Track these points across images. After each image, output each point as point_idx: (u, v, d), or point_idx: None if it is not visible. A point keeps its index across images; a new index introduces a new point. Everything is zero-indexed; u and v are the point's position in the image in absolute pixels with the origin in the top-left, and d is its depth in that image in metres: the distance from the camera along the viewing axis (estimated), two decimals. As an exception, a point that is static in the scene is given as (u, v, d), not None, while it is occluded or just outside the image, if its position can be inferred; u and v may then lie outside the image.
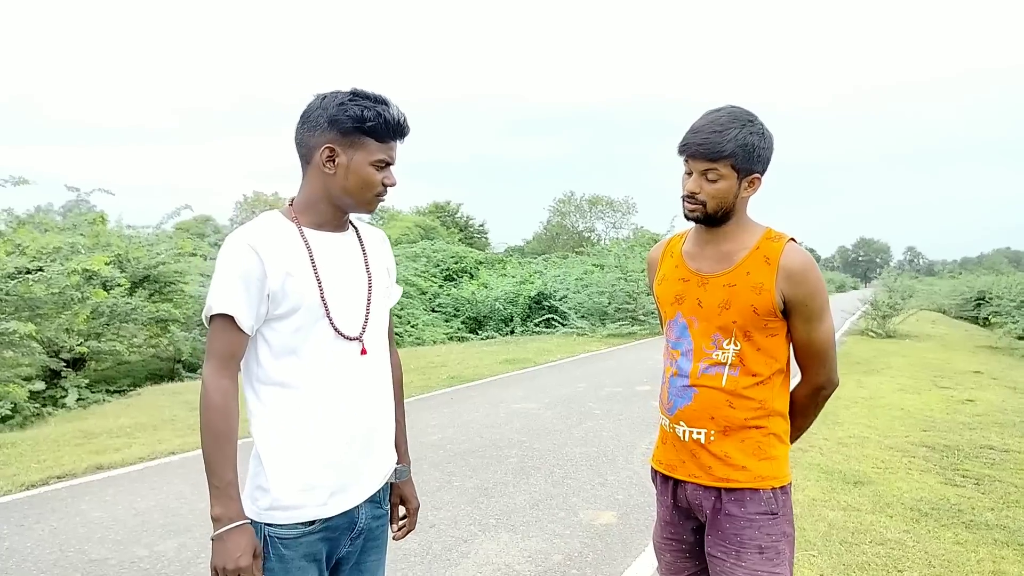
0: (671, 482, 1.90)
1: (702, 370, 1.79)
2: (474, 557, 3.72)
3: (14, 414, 8.34)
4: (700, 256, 1.85)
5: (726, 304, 1.76)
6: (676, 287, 1.88)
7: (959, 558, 3.72)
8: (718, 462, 1.77)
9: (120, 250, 11.60)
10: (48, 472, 5.25)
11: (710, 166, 1.70)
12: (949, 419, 7.40)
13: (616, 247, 25.62)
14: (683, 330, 1.84)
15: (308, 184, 1.59)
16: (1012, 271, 33.44)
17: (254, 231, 1.53)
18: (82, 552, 3.78)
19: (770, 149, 1.76)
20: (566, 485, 4.97)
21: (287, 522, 1.53)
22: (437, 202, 42.98)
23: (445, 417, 7.30)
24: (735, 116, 1.72)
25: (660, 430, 1.96)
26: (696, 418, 1.80)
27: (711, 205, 1.74)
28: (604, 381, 9.77)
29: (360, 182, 1.56)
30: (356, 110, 1.51)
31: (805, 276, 1.72)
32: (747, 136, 1.69)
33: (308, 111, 1.56)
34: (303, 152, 1.58)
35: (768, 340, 1.77)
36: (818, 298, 1.75)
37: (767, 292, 1.72)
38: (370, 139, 1.54)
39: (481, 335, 19.05)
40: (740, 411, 1.76)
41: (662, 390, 1.91)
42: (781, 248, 1.74)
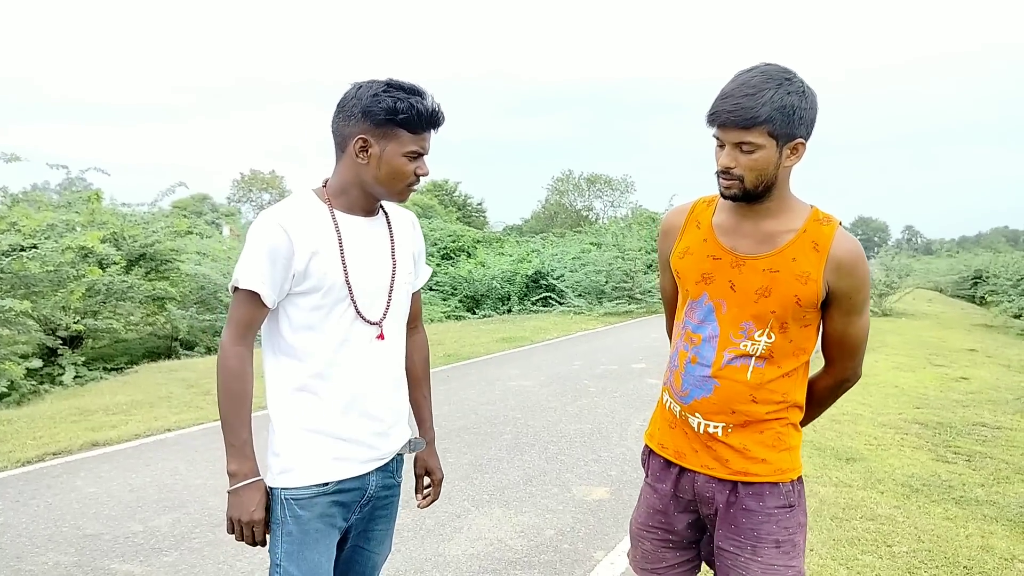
0: (675, 469, 1.76)
1: (727, 360, 1.63)
2: (467, 532, 3.75)
3: (11, 391, 8.36)
4: (736, 233, 1.65)
5: (765, 291, 1.59)
6: (704, 264, 1.68)
7: (948, 533, 3.75)
8: (736, 455, 1.66)
9: (115, 228, 11.55)
10: (44, 449, 5.26)
11: (744, 136, 1.49)
12: (943, 396, 7.44)
13: (614, 226, 25.61)
14: (708, 313, 1.67)
15: (341, 170, 1.63)
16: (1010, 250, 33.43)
17: (286, 211, 1.59)
18: (77, 527, 3.80)
19: (813, 109, 1.54)
20: (560, 461, 4.99)
21: (300, 484, 1.59)
22: (435, 181, 42.84)
23: (441, 394, 7.32)
24: (768, 75, 1.50)
25: (664, 412, 1.82)
26: (715, 412, 1.66)
27: (749, 180, 1.53)
28: (600, 359, 9.79)
29: (392, 172, 1.59)
30: (389, 102, 1.53)
31: (855, 268, 1.57)
32: (784, 97, 1.48)
33: (344, 100, 1.60)
34: (338, 140, 1.62)
35: (802, 331, 1.63)
36: (863, 291, 1.61)
37: (813, 283, 1.56)
38: (403, 130, 1.56)
39: (478, 314, 19.07)
40: (763, 405, 1.64)
41: (674, 375, 1.74)
42: (832, 234, 1.57)
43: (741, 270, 1.62)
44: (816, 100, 1.55)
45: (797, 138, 1.53)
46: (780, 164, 1.53)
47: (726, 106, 1.51)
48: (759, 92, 1.48)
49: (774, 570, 1.63)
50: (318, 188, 1.67)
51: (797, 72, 1.54)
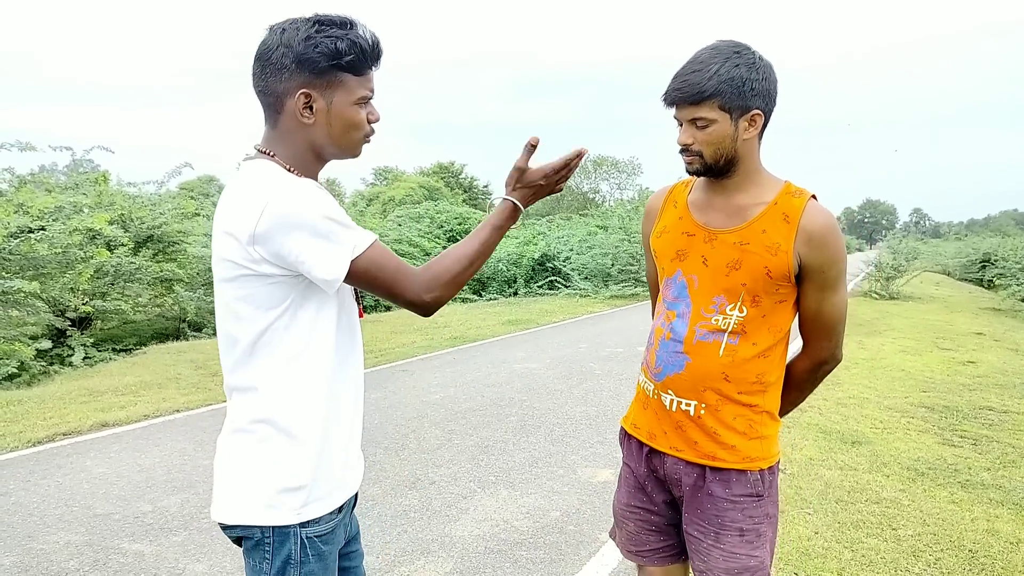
0: (646, 450, 1.76)
1: (698, 336, 1.62)
2: (473, 513, 3.78)
3: (21, 372, 8.42)
4: (708, 208, 1.66)
5: (736, 264, 1.59)
6: (679, 241, 1.69)
7: (953, 517, 3.76)
8: (706, 438, 1.64)
9: (123, 210, 11.56)
10: (54, 429, 5.32)
11: (695, 112, 1.51)
12: (949, 380, 7.42)
13: (620, 208, 25.52)
14: (682, 289, 1.67)
15: (286, 136, 1.36)
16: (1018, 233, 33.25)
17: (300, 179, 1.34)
18: (87, 507, 3.84)
19: (767, 80, 1.53)
20: (565, 443, 5.01)
21: (324, 512, 1.38)
22: (441, 163, 42.73)
23: (447, 376, 7.35)
24: (717, 51, 1.51)
25: (639, 392, 1.82)
26: (686, 389, 1.64)
27: (708, 154, 1.55)
28: (606, 341, 9.80)
29: (345, 125, 1.36)
30: (328, 43, 1.28)
31: (825, 239, 1.55)
32: (732, 70, 1.48)
33: (267, 51, 1.32)
34: (269, 100, 1.34)
35: (776, 307, 1.61)
36: (837, 265, 1.58)
37: (783, 254, 1.55)
38: (348, 75, 1.33)
39: (485, 296, 19.08)
40: (735, 384, 1.61)
41: (649, 353, 1.74)
42: (803, 205, 1.56)
43: (713, 244, 1.63)
44: (771, 72, 1.55)
45: (752, 110, 1.52)
46: (738, 136, 1.53)
47: (676, 84, 1.53)
48: (706, 67, 1.49)
49: (736, 558, 1.62)
50: (264, 160, 1.36)
51: (751, 46, 1.54)
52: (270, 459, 1.33)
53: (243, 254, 1.27)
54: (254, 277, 1.28)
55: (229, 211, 1.30)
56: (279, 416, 1.33)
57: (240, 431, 1.36)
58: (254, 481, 1.34)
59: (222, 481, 1.38)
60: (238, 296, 1.31)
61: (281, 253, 1.25)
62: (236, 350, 1.34)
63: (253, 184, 1.29)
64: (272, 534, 1.33)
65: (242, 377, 1.35)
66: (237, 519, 1.34)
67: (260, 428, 1.34)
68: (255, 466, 1.34)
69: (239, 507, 1.34)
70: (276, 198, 1.24)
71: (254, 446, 1.34)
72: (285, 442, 1.33)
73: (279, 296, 1.30)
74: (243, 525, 1.34)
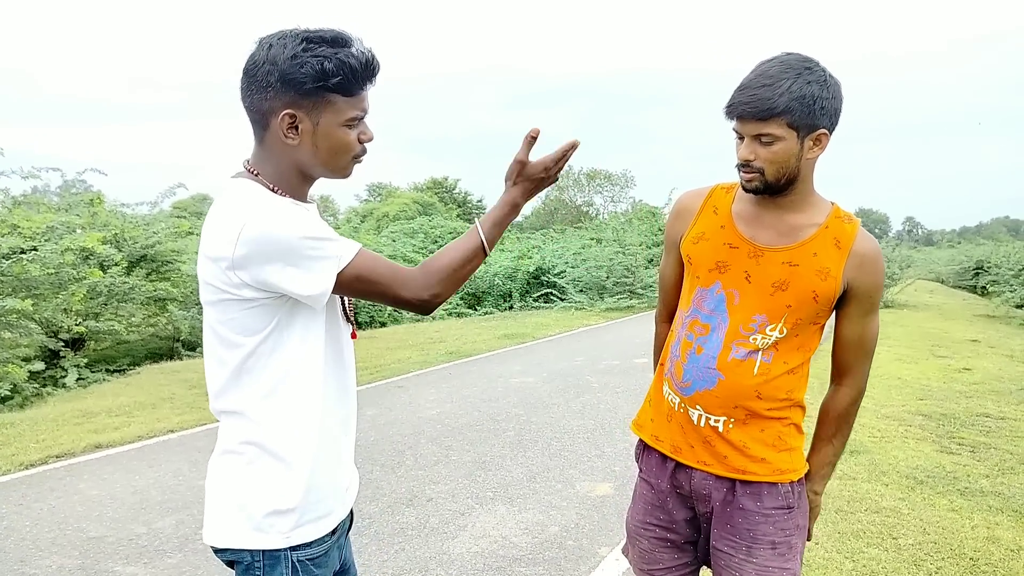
0: (671, 464, 1.72)
1: (733, 354, 1.58)
2: (471, 530, 3.74)
3: (14, 394, 8.36)
4: (756, 223, 1.60)
5: (782, 284, 1.55)
6: (720, 252, 1.63)
7: (953, 525, 3.74)
8: (735, 452, 1.62)
9: (116, 229, 11.54)
10: (47, 451, 5.26)
11: (762, 128, 1.45)
12: (946, 388, 7.42)
13: (614, 221, 25.60)
14: (719, 303, 1.62)
15: (272, 155, 1.32)
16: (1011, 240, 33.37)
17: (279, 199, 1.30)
18: (80, 530, 3.80)
19: (836, 99, 1.48)
20: (563, 457, 4.98)
21: (315, 536, 1.34)
22: (435, 178, 42.84)
23: (443, 392, 7.32)
24: (788, 65, 1.45)
25: (661, 403, 1.75)
26: (717, 405, 1.61)
27: (770, 172, 1.49)
28: (602, 354, 9.78)
29: (332, 148, 1.30)
30: (314, 64, 1.21)
31: (876, 265, 1.56)
32: (804, 87, 1.42)
33: (253, 66, 1.26)
34: (255, 117, 1.30)
35: (810, 328, 1.60)
36: (880, 290, 1.61)
37: (832, 279, 1.53)
38: (337, 96, 1.26)
39: (480, 310, 19.05)
40: (766, 401, 1.59)
41: (675, 365, 1.68)
42: (854, 232, 1.55)
43: (759, 261, 1.58)
44: (839, 89, 1.50)
45: (819, 129, 1.47)
46: (802, 156, 1.48)
47: (743, 97, 1.46)
48: (777, 82, 1.43)
49: (769, 571, 1.60)
50: (249, 176, 1.33)
51: (820, 61, 1.48)
52: (259, 481, 1.30)
53: (224, 279, 1.24)
54: (236, 301, 1.26)
55: (208, 235, 1.26)
56: (267, 439, 1.30)
57: (230, 452, 1.34)
58: (243, 504, 1.31)
59: (212, 503, 1.36)
60: (221, 320, 1.29)
61: (261, 277, 1.22)
62: (222, 373, 1.32)
63: (230, 207, 1.25)
64: (262, 558, 1.31)
65: (228, 401, 1.33)
66: (227, 542, 1.32)
67: (249, 450, 1.31)
68: (244, 488, 1.31)
69: (228, 530, 1.32)
70: (251, 222, 1.20)
71: (243, 468, 1.32)
72: (274, 465, 1.30)
73: (263, 320, 1.27)
74: (233, 549, 1.32)
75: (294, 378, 1.31)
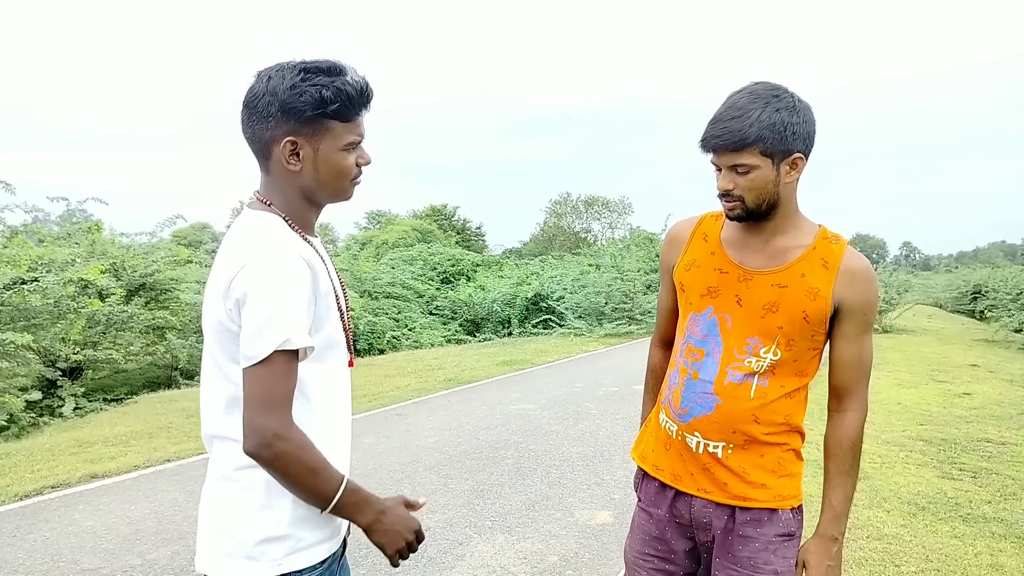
0: (671, 492, 1.71)
1: (730, 377, 1.59)
2: (469, 560, 3.71)
3: (10, 424, 8.30)
4: (744, 247, 1.63)
5: (773, 306, 1.56)
6: (710, 277, 1.65)
7: (956, 552, 3.71)
8: (735, 478, 1.61)
9: (115, 259, 11.57)
10: (42, 482, 5.22)
11: (736, 158, 1.49)
12: (946, 413, 7.39)
13: (612, 247, 25.68)
14: (712, 328, 1.63)
15: (278, 183, 1.37)
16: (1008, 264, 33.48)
17: (292, 241, 1.31)
18: (74, 562, 3.75)
19: (808, 122, 1.51)
20: (562, 485, 4.95)
21: (308, 564, 1.35)
22: (434, 205, 43.04)
23: (442, 420, 7.28)
24: (756, 95, 1.49)
25: (658, 431, 1.76)
26: (715, 431, 1.61)
27: (750, 199, 1.52)
28: (601, 381, 9.75)
29: (332, 172, 1.36)
30: (312, 92, 1.28)
31: (867, 280, 1.56)
32: (772, 114, 1.46)
33: (254, 98, 1.32)
34: (258, 147, 1.35)
35: (807, 352, 1.60)
36: (874, 308, 1.61)
37: (822, 299, 1.54)
38: (335, 122, 1.32)
39: (479, 337, 19.02)
40: (764, 426, 1.59)
41: (673, 392, 1.69)
42: (842, 252, 1.57)
43: (748, 284, 1.60)
44: (810, 113, 1.53)
45: (794, 153, 1.50)
46: (780, 181, 1.51)
47: (715, 131, 1.50)
48: (746, 113, 1.46)
49: None
50: (262, 207, 1.37)
51: (788, 87, 1.52)
52: (252, 508, 1.31)
53: (222, 309, 1.28)
54: (231, 334, 1.28)
55: (217, 266, 1.31)
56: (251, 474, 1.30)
57: (224, 479, 1.34)
58: (236, 531, 1.31)
59: (205, 530, 1.36)
60: (219, 348, 1.32)
61: (241, 314, 1.24)
62: (219, 399, 1.34)
63: (243, 241, 1.30)
64: None
65: (223, 427, 1.33)
66: (218, 571, 1.31)
67: (244, 476, 1.31)
68: (237, 515, 1.31)
69: (220, 558, 1.31)
70: (251, 264, 1.24)
71: (237, 495, 1.32)
72: (267, 491, 1.30)
73: None
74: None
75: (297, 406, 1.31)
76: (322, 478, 1.27)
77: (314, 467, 1.26)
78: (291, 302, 1.24)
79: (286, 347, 1.22)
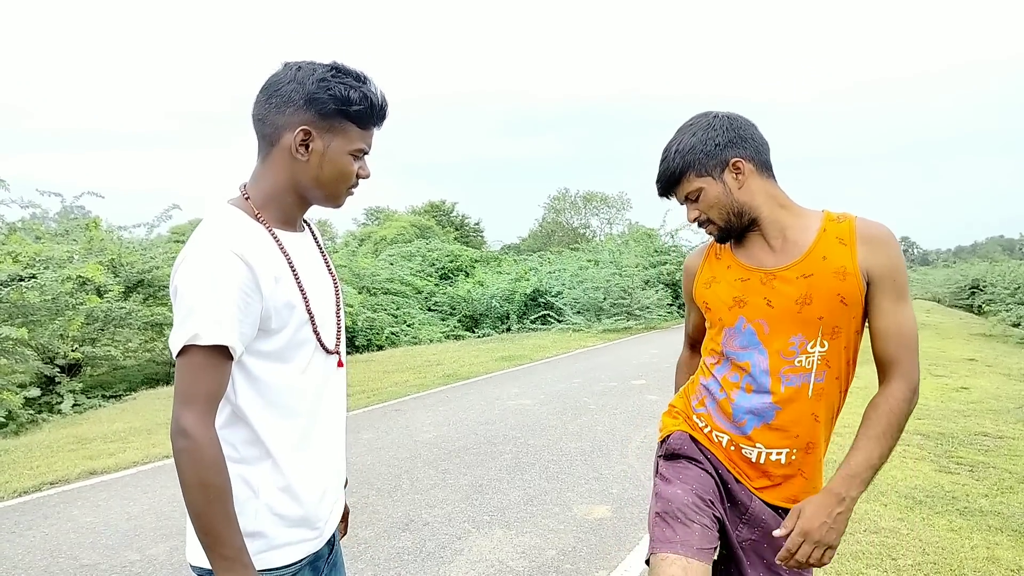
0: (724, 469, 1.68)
1: (786, 383, 1.56)
2: (468, 554, 3.71)
3: (8, 421, 8.31)
4: (755, 251, 1.63)
5: (806, 299, 1.52)
6: (734, 288, 1.63)
7: (953, 545, 3.72)
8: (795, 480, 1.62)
9: (113, 255, 11.56)
10: (41, 478, 5.23)
11: (682, 190, 1.62)
12: (943, 407, 7.41)
13: (611, 243, 25.67)
14: (751, 337, 1.60)
15: (272, 171, 1.35)
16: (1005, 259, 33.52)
17: (233, 235, 1.26)
18: (73, 558, 3.76)
19: (729, 130, 1.56)
20: (560, 480, 4.96)
21: (285, 562, 1.35)
22: (433, 201, 42.99)
23: (440, 415, 7.29)
24: (677, 133, 1.63)
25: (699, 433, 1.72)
26: (777, 439, 1.58)
27: (716, 217, 1.59)
28: (599, 376, 9.76)
29: (336, 173, 1.35)
30: (341, 89, 1.30)
31: (888, 242, 1.51)
32: (688, 140, 1.58)
33: (276, 83, 1.32)
34: (267, 132, 1.34)
35: (854, 337, 1.55)
36: (904, 271, 1.52)
37: (852, 276, 1.50)
38: (352, 124, 1.33)
39: (477, 333, 19.04)
40: (822, 424, 1.59)
41: (719, 404, 1.66)
42: (853, 224, 1.54)
43: (774, 284, 1.57)
44: (732, 121, 1.59)
45: (729, 160, 1.56)
46: (731, 190, 1.57)
47: (657, 178, 1.66)
48: (669, 153, 1.61)
49: None
50: (236, 199, 1.36)
51: (711, 111, 1.62)
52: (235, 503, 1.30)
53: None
54: None
55: None
56: (236, 465, 1.31)
57: None
58: None
59: (189, 523, 1.35)
60: None
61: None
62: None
63: (191, 238, 1.28)
64: None
65: None
66: (198, 561, 1.33)
67: None
68: None
69: (197, 550, 1.31)
70: (186, 259, 1.24)
71: None
72: (243, 490, 1.31)
73: None
74: (204, 568, 1.32)
75: (260, 411, 1.31)
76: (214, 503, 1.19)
77: (207, 483, 1.19)
78: (211, 297, 1.20)
79: (196, 342, 1.19)
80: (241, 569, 1.21)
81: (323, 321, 1.40)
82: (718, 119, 1.59)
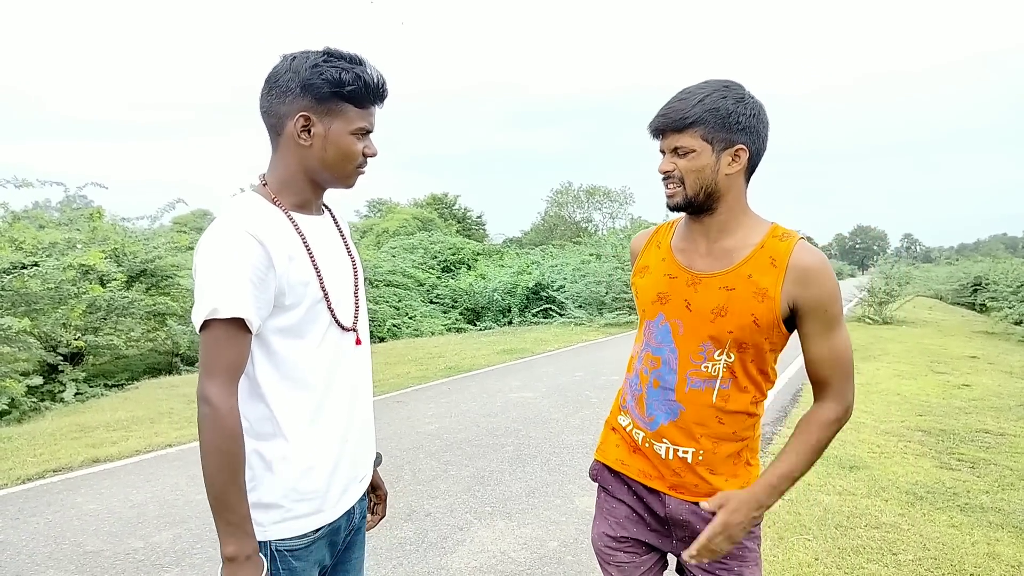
0: (638, 486, 1.69)
1: (690, 384, 1.57)
2: (469, 545, 3.73)
3: (11, 409, 8.34)
4: (691, 251, 1.60)
5: (721, 310, 1.52)
6: (660, 284, 1.63)
7: (953, 541, 3.73)
8: (703, 481, 1.60)
9: (116, 244, 11.58)
10: (44, 466, 5.25)
11: (678, 139, 1.49)
12: (945, 404, 7.41)
13: (613, 236, 25.63)
14: (665, 335, 1.60)
15: (282, 159, 1.42)
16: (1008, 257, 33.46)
17: (249, 217, 1.33)
18: (77, 544, 3.78)
19: (755, 117, 1.49)
20: (562, 472, 4.97)
21: (299, 532, 1.40)
22: (435, 194, 42.93)
23: (442, 407, 7.31)
24: (707, 83, 1.50)
25: (623, 435, 1.74)
26: (683, 437, 1.59)
27: (689, 183, 1.50)
28: (601, 369, 9.77)
29: (339, 153, 1.40)
30: (333, 72, 1.34)
31: (820, 275, 1.47)
32: (718, 100, 1.46)
33: (275, 75, 1.38)
34: (272, 122, 1.40)
35: (765, 355, 1.55)
36: (837, 302, 1.49)
37: (771, 300, 1.47)
38: (349, 105, 1.38)
39: (479, 326, 19.06)
40: (729, 426, 1.57)
41: (636, 399, 1.67)
42: (790, 248, 1.49)
43: (697, 289, 1.56)
44: (762, 112, 1.51)
45: (736, 144, 1.48)
46: (719, 170, 1.49)
47: (661, 112, 1.52)
48: (692, 96, 1.48)
49: None
50: (257, 187, 1.45)
51: (745, 85, 1.52)
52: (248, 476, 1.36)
53: None
54: None
55: None
56: (253, 439, 1.37)
57: None
58: None
59: None
60: None
61: None
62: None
63: (214, 221, 1.35)
64: None
65: None
66: None
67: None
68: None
69: None
70: (203, 241, 1.32)
71: None
72: (258, 463, 1.37)
73: None
74: None
75: (274, 381, 1.37)
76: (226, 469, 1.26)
77: (223, 449, 1.26)
78: (226, 273, 1.27)
79: (215, 316, 1.26)
80: (243, 536, 1.29)
81: (339, 299, 1.46)
82: (753, 102, 1.51)
